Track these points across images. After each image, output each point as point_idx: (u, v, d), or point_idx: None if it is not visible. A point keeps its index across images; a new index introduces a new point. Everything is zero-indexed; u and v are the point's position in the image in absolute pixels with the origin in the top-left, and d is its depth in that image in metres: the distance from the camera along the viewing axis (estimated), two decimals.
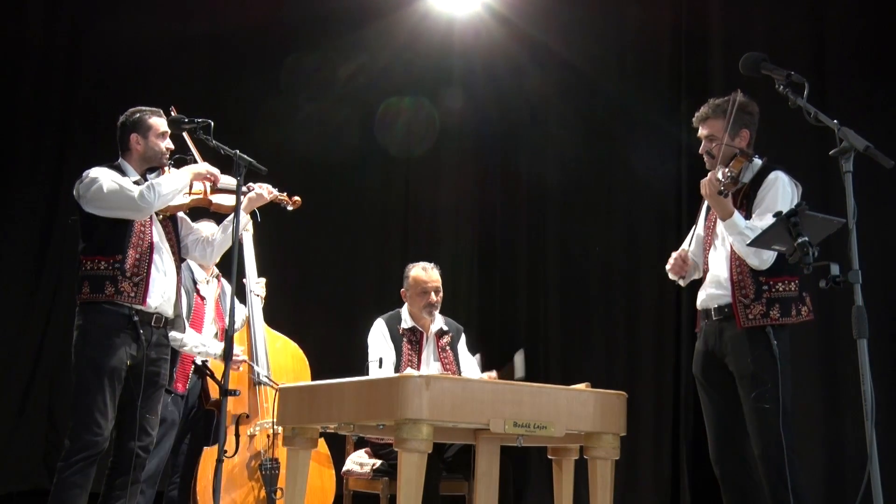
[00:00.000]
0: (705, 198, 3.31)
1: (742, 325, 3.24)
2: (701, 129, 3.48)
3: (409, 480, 2.63)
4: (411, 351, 4.19)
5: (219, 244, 3.85)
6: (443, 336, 4.30)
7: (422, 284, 4.22)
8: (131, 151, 3.66)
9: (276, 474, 4.12)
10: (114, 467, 3.55)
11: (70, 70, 6.30)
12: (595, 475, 3.06)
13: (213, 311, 4.37)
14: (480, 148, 6.52)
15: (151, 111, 3.69)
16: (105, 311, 3.45)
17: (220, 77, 6.36)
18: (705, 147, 3.45)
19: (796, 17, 5.55)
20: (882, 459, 2.41)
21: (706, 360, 3.42)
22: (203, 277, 4.36)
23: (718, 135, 3.37)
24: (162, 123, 3.67)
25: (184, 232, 3.84)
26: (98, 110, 6.02)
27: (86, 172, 3.53)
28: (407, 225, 6.56)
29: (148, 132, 3.64)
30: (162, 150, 3.66)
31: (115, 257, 3.46)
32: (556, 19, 6.22)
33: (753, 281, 3.25)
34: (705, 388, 3.45)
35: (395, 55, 6.40)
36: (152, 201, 3.47)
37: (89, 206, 3.49)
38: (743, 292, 3.25)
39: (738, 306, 3.25)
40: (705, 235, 3.51)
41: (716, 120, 3.41)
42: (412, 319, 4.25)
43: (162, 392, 3.71)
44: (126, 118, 3.68)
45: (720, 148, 3.33)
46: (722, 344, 3.33)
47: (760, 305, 3.23)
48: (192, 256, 3.91)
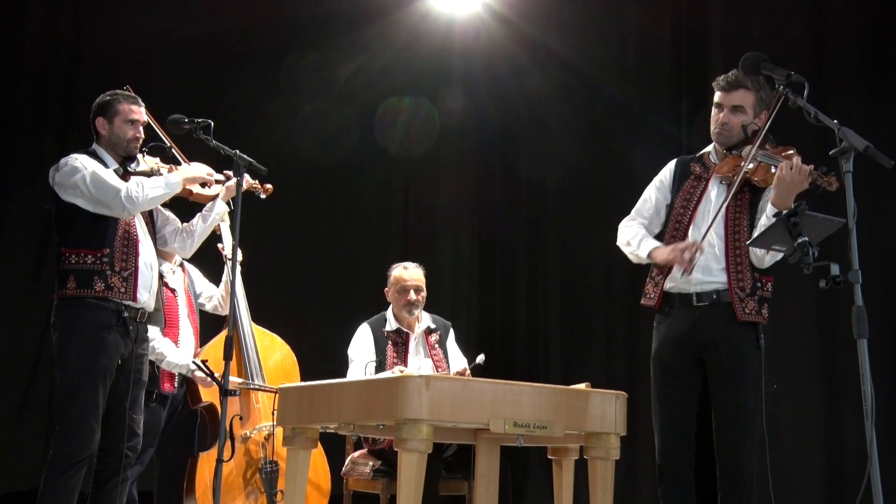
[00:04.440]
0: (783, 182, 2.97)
1: (739, 318, 3.15)
2: (725, 95, 3.22)
3: (408, 480, 2.63)
4: (396, 353, 4.18)
5: (199, 234, 3.73)
6: (431, 334, 4.29)
7: (401, 282, 4.22)
8: (100, 136, 3.50)
9: (275, 477, 4.10)
10: (101, 468, 3.42)
11: (70, 70, 6.29)
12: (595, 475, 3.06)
13: (185, 304, 4.21)
14: (480, 148, 6.52)
15: (125, 96, 3.53)
16: (92, 307, 3.30)
17: (220, 77, 6.35)
18: (727, 117, 3.20)
19: (796, 17, 5.54)
20: (882, 459, 2.41)
21: (678, 347, 3.25)
22: (168, 268, 4.13)
23: (748, 108, 3.20)
24: (134, 110, 3.50)
25: (160, 222, 3.70)
26: None
27: (64, 159, 3.37)
28: (407, 225, 6.56)
29: (115, 117, 3.48)
30: (127, 137, 3.48)
31: (103, 251, 3.31)
32: (556, 19, 6.22)
33: (751, 277, 3.17)
34: (671, 376, 3.27)
35: (395, 55, 6.40)
36: (139, 202, 3.33)
37: (67, 195, 3.32)
38: (740, 285, 3.16)
39: (735, 298, 3.15)
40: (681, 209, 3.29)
41: (749, 93, 3.21)
42: (396, 321, 4.25)
43: (143, 389, 3.57)
44: (98, 100, 3.52)
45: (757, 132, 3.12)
46: (707, 333, 3.18)
47: (753, 301, 3.16)
48: (170, 248, 3.77)
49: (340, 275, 6.37)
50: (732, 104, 3.23)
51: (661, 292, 3.32)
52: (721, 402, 3.19)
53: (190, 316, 4.24)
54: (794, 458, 5.09)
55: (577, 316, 6.04)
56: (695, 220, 3.27)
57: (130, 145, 3.51)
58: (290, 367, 4.45)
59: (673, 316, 3.28)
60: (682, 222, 3.30)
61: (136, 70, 6.16)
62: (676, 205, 3.33)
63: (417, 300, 4.21)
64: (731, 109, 3.23)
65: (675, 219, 3.32)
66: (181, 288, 4.23)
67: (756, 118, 3.22)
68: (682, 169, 3.41)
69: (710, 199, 3.27)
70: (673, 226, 3.33)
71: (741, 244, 3.18)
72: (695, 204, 3.29)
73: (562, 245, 6.18)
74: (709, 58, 5.73)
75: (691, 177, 3.35)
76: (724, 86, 3.26)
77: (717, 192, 3.27)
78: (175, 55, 6.27)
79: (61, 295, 3.34)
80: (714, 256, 3.22)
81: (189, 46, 6.28)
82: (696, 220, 3.27)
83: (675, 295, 3.28)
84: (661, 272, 3.32)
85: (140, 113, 3.54)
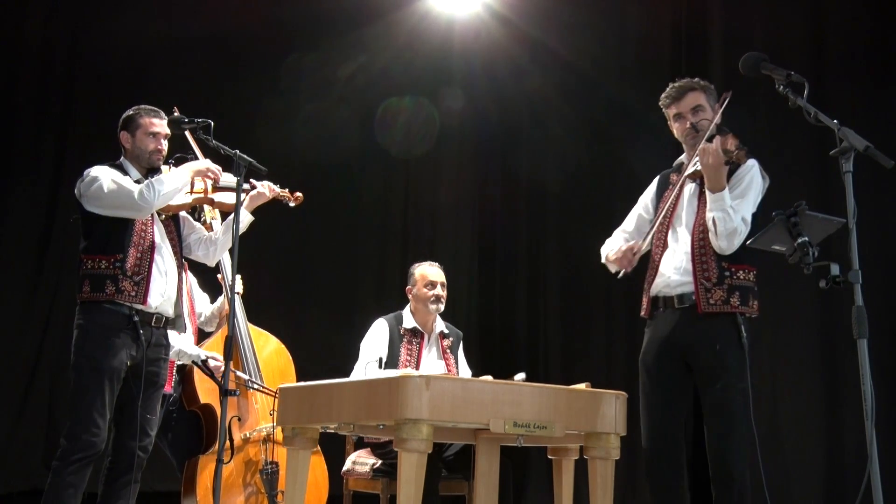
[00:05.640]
0: (704, 166, 3.10)
1: (702, 310, 3.14)
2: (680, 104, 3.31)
3: (408, 480, 2.63)
4: (410, 351, 4.20)
5: (222, 243, 3.83)
6: (445, 338, 4.32)
7: (428, 278, 4.27)
8: (125, 150, 3.65)
9: (276, 478, 4.10)
10: (112, 468, 3.52)
11: (70, 70, 6.30)
12: (595, 475, 3.06)
13: (188, 307, 4.24)
14: (480, 148, 6.52)
15: (148, 110, 3.65)
16: (105, 311, 3.43)
17: (220, 77, 6.36)
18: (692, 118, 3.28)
19: (796, 17, 5.54)
20: (882, 459, 2.40)
21: (661, 349, 3.27)
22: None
23: (706, 105, 3.28)
24: (154, 123, 3.62)
25: (186, 231, 3.82)
26: (98, 110, 6.02)
27: (87, 171, 3.51)
28: (407, 225, 6.56)
29: (137, 130, 3.61)
30: (149, 149, 3.60)
31: (116, 256, 3.44)
32: (556, 19, 6.23)
33: (717, 266, 3.16)
34: (655, 377, 3.29)
35: (395, 55, 6.40)
36: (152, 200, 3.45)
37: (90, 204, 3.47)
38: (705, 275, 3.16)
39: (700, 290, 3.15)
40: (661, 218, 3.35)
41: (700, 93, 3.30)
42: (414, 320, 4.26)
43: (161, 392, 3.68)
44: (124, 115, 3.66)
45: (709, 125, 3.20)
46: (686, 334, 3.20)
47: (721, 291, 3.14)
48: (194, 256, 3.88)
49: (340, 275, 6.37)
50: (691, 107, 3.30)
51: (649, 299, 3.36)
52: (706, 401, 3.19)
53: (190, 317, 4.26)
54: (794, 457, 5.09)
55: (577, 315, 6.04)
56: (673, 224, 3.33)
57: (153, 157, 3.63)
58: (286, 366, 4.45)
59: (658, 319, 3.32)
60: (663, 230, 3.35)
61: (136, 70, 6.18)
62: (657, 216, 3.40)
63: (443, 296, 4.27)
64: (692, 112, 3.30)
65: (658, 229, 3.37)
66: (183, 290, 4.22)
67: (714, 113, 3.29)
68: (662, 181, 3.50)
69: (684, 203, 3.33)
70: (657, 235, 3.38)
71: (706, 236, 3.20)
72: (671, 209, 3.34)
73: (562, 244, 6.18)
74: (709, 58, 5.73)
75: (669, 186, 3.42)
76: (674, 96, 3.34)
77: (690, 194, 3.33)
78: (175, 55, 6.27)
79: (80, 299, 3.48)
80: (685, 255, 3.25)
81: (189, 46, 6.28)
82: (674, 224, 3.33)
83: (661, 298, 3.31)
84: (648, 281, 3.38)
85: (161, 125, 3.64)
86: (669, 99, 3.35)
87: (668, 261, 3.28)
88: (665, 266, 3.28)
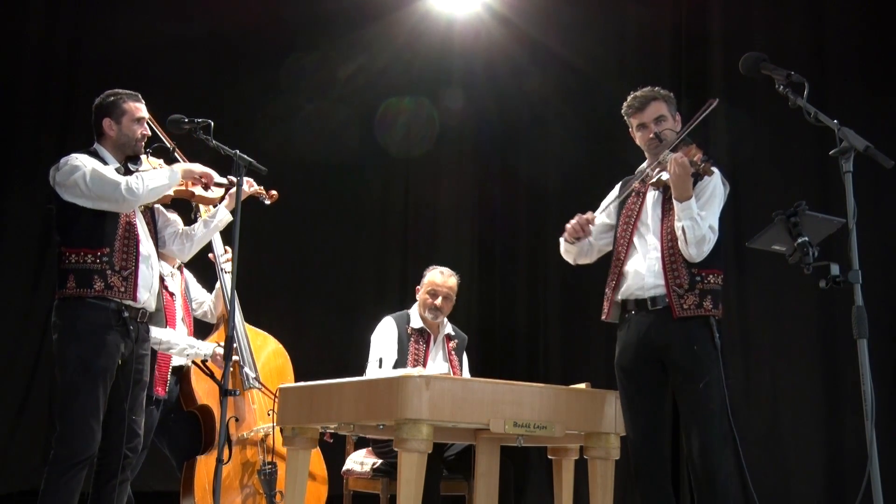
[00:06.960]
0: (673, 176, 3.15)
1: (677, 315, 3.15)
2: (643, 114, 3.37)
3: (408, 480, 2.63)
4: (418, 351, 4.20)
5: (199, 239, 3.71)
6: (451, 340, 4.33)
7: (434, 286, 4.25)
8: (105, 137, 3.47)
9: (274, 478, 4.09)
10: (101, 469, 3.38)
11: (70, 70, 6.30)
12: (595, 475, 3.07)
13: (181, 307, 4.19)
14: (480, 148, 6.52)
15: (128, 94, 3.51)
16: (92, 307, 3.26)
17: (220, 77, 6.36)
18: (655, 128, 3.34)
19: (796, 17, 5.54)
20: (882, 459, 2.40)
21: (638, 352, 3.25)
22: (168, 271, 4.08)
23: (667, 115, 3.34)
24: (138, 108, 3.49)
25: (161, 223, 3.67)
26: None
27: (63, 159, 3.34)
28: (407, 225, 6.56)
29: (122, 117, 3.45)
30: (136, 136, 3.47)
31: (103, 250, 3.28)
32: (556, 20, 6.22)
33: (687, 272, 3.17)
34: (634, 379, 3.27)
35: (395, 55, 6.40)
36: (139, 195, 3.30)
37: (68, 194, 3.29)
38: (677, 282, 3.17)
39: (673, 296, 3.17)
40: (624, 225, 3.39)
41: (662, 102, 3.36)
42: (421, 320, 4.26)
43: (145, 390, 3.55)
44: (100, 101, 3.49)
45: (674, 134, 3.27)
46: (662, 335, 3.19)
47: (694, 296, 3.15)
48: (168, 250, 3.74)
49: (340, 275, 6.37)
50: (653, 117, 3.36)
51: (611, 304, 3.36)
52: (685, 400, 3.19)
53: (185, 319, 4.22)
54: (794, 457, 5.09)
55: (577, 315, 6.03)
56: (638, 230, 3.36)
57: (138, 144, 3.50)
58: (283, 365, 4.44)
59: (631, 321, 3.30)
60: (626, 235, 3.38)
61: (136, 70, 6.16)
62: (620, 222, 3.43)
63: (442, 307, 4.23)
64: (656, 122, 3.36)
65: (620, 235, 3.40)
66: (178, 292, 4.21)
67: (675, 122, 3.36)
68: (624, 187, 3.53)
69: (648, 210, 3.35)
70: (620, 241, 3.40)
71: (675, 244, 3.22)
72: (635, 217, 3.38)
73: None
74: (709, 58, 5.73)
75: (633, 194, 3.45)
76: (637, 106, 3.39)
77: (653, 201, 3.36)
78: (175, 55, 6.27)
79: (61, 295, 3.31)
80: (654, 260, 3.27)
81: (189, 46, 6.28)
82: (639, 230, 3.36)
83: (631, 301, 3.30)
84: (610, 286, 3.38)
85: (145, 110, 3.54)
86: (632, 109, 3.41)
87: (637, 264, 3.29)
88: (633, 270, 3.29)
